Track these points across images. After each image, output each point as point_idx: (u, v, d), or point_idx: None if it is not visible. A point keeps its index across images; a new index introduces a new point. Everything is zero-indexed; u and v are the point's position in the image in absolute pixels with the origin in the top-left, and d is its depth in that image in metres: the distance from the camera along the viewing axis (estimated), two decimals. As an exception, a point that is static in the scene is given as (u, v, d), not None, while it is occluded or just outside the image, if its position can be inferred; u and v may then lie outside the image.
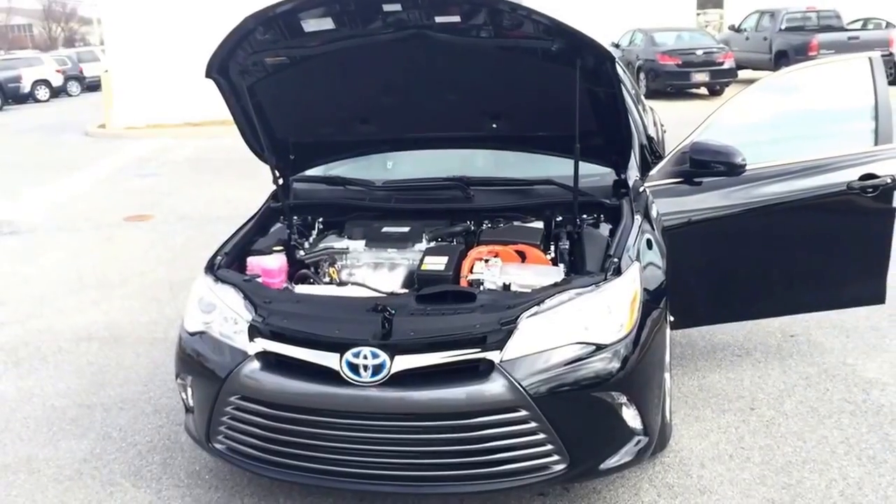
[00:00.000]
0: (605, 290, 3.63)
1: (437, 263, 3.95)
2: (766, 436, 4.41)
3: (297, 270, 4.26)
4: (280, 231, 4.61)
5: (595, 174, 4.44)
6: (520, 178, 4.58)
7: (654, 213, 4.47)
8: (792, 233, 4.69)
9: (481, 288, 3.83)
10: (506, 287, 3.82)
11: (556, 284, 3.66)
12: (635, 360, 3.57)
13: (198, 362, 3.83)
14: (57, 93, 33.11)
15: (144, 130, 18.80)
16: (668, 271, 4.15)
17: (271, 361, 3.62)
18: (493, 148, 4.69)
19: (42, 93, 32.25)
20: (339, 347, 3.48)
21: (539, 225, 4.36)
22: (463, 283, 3.90)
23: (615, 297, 3.64)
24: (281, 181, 4.72)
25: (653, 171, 4.74)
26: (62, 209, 10.77)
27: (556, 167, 4.52)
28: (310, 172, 4.88)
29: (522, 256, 4.10)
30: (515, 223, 4.36)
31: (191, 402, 3.96)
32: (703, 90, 21.05)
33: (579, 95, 3.84)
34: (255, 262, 4.19)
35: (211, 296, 3.93)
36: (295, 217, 4.63)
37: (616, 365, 3.51)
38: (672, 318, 4.28)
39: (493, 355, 3.42)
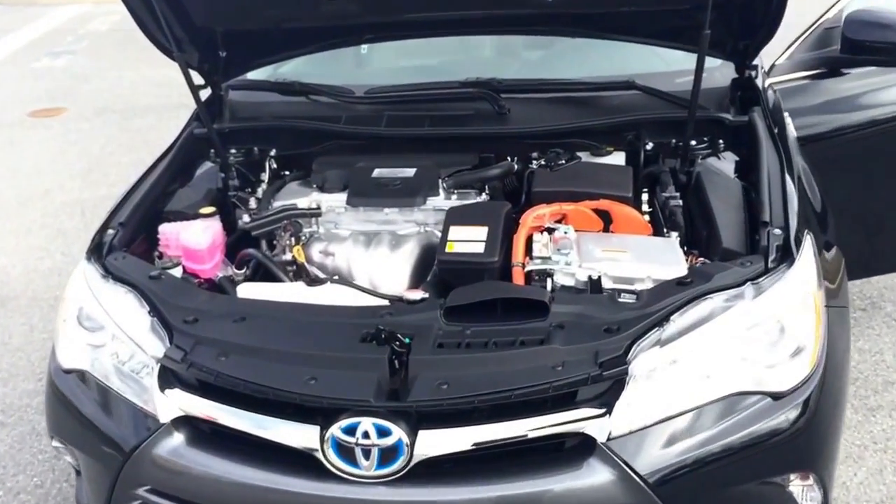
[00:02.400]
0: (773, 290, 2.11)
1: (470, 241, 2.37)
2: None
3: (238, 246, 2.67)
4: (210, 176, 2.97)
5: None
6: (580, 79, 2.96)
7: (792, 132, 2.90)
8: None
9: (551, 287, 2.28)
10: (593, 284, 2.26)
11: (683, 281, 2.11)
12: (824, 409, 2.09)
13: (79, 426, 2.28)
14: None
15: (63, -6, 16.26)
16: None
17: (202, 434, 2.10)
18: (542, 33, 3.03)
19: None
20: (320, 415, 1.96)
21: (620, 160, 2.77)
22: (516, 275, 2.33)
23: (789, 301, 2.12)
24: (209, 92, 3.07)
25: (779, 60, 3.13)
26: (-48, 101, 8.79)
27: (633, 61, 2.96)
28: (251, 76, 3.21)
29: (606, 219, 2.53)
30: (582, 157, 2.76)
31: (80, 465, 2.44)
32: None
33: None
34: (170, 234, 2.60)
35: (95, 306, 2.35)
36: (233, 150, 2.98)
37: (800, 426, 2.03)
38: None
39: (594, 427, 1.92)
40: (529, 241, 2.40)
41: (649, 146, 2.77)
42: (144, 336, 2.19)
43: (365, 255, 2.54)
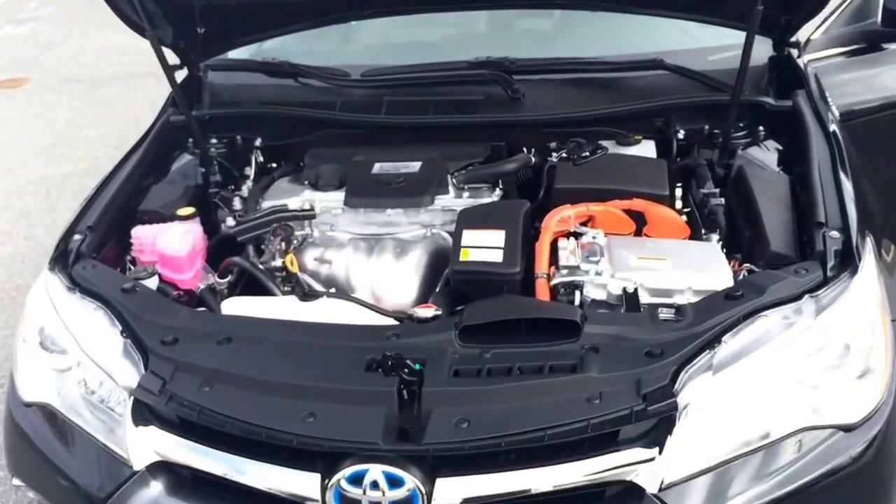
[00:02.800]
0: (838, 305, 1.84)
1: (487, 247, 2.08)
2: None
3: (221, 251, 2.38)
4: (189, 171, 2.66)
5: (730, 45, 2.54)
6: (602, 58, 2.67)
7: (836, 114, 2.63)
8: None
9: (580, 301, 2.00)
10: (629, 298, 1.98)
11: (733, 294, 1.84)
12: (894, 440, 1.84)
13: (42, 468, 1.99)
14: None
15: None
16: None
17: (183, 480, 1.82)
18: (561, 6, 2.74)
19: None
20: (320, 460, 1.68)
21: (650, 150, 2.50)
22: (540, 288, 2.05)
23: (853, 316, 1.86)
24: (185, 73, 2.76)
25: (814, 35, 2.86)
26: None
27: (656, 36, 2.70)
28: (232, 55, 2.88)
29: (638, 220, 2.25)
30: (607, 147, 2.47)
31: None
32: None
33: None
34: (144, 238, 2.30)
35: (59, 325, 2.05)
36: (213, 140, 2.68)
37: (871, 461, 1.78)
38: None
39: (643, 475, 1.66)
40: (553, 248, 2.12)
41: (681, 134, 2.49)
42: (116, 361, 1.90)
43: (366, 263, 2.24)
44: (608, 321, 1.85)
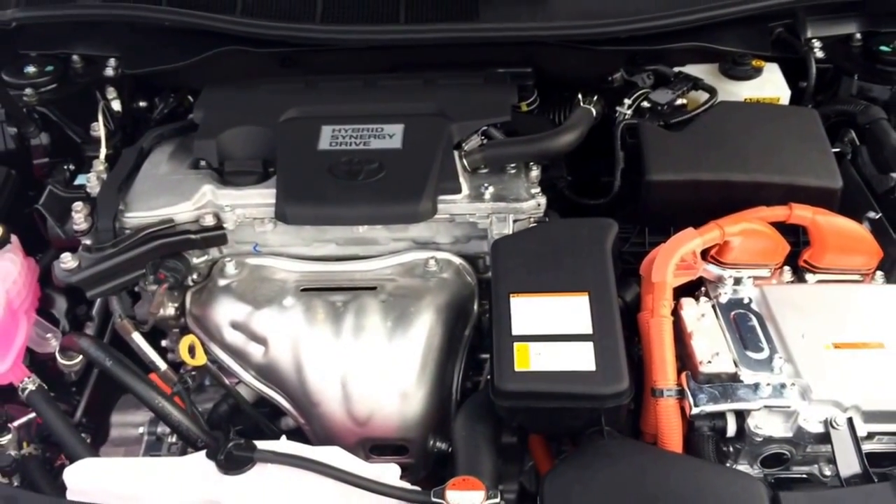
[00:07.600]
0: None
1: (560, 336, 1.10)
2: None
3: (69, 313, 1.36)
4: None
5: None
6: None
7: None
8: None
9: (734, 430, 1.10)
10: (840, 443, 1.06)
11: None
12: None
13: None
14: None
15: None
16: None
17: None
18: None
19: None
20: None
21: (777, 85, 1.52)
22: (665, 419, 1.10)
23: None
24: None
25: None
26: None
27: None
28: None
29: (797, 242, 1.30)
30: (715, 88, 1.46)
31: None
32: None
33: None
34: None
35: None
36: (31, 69, 1.58)
37: None
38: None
39: None
40: (674, 315, 1.18)
41: (818, 48, 1.53)
42: None
43: (332, 347, 1.22)
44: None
